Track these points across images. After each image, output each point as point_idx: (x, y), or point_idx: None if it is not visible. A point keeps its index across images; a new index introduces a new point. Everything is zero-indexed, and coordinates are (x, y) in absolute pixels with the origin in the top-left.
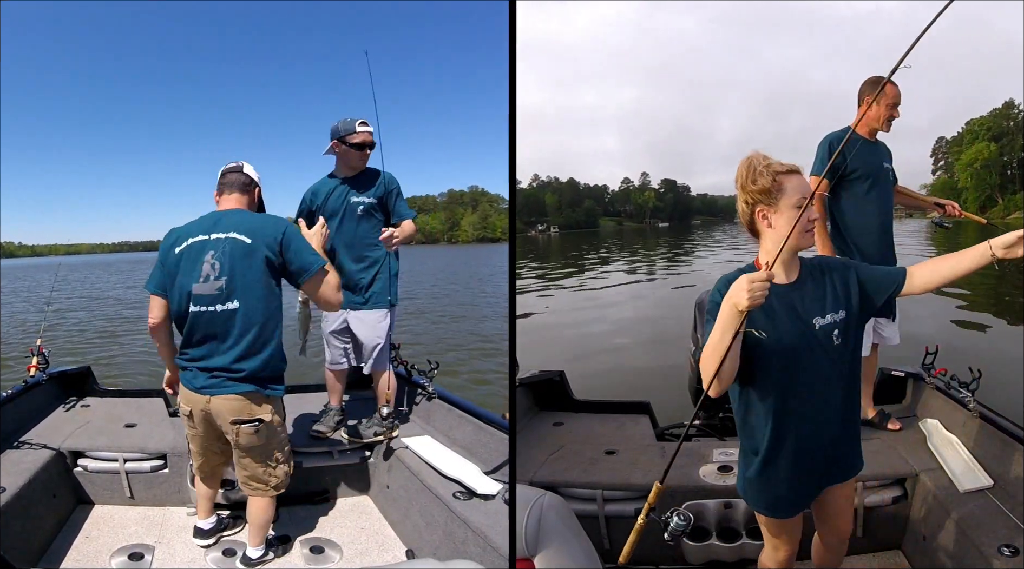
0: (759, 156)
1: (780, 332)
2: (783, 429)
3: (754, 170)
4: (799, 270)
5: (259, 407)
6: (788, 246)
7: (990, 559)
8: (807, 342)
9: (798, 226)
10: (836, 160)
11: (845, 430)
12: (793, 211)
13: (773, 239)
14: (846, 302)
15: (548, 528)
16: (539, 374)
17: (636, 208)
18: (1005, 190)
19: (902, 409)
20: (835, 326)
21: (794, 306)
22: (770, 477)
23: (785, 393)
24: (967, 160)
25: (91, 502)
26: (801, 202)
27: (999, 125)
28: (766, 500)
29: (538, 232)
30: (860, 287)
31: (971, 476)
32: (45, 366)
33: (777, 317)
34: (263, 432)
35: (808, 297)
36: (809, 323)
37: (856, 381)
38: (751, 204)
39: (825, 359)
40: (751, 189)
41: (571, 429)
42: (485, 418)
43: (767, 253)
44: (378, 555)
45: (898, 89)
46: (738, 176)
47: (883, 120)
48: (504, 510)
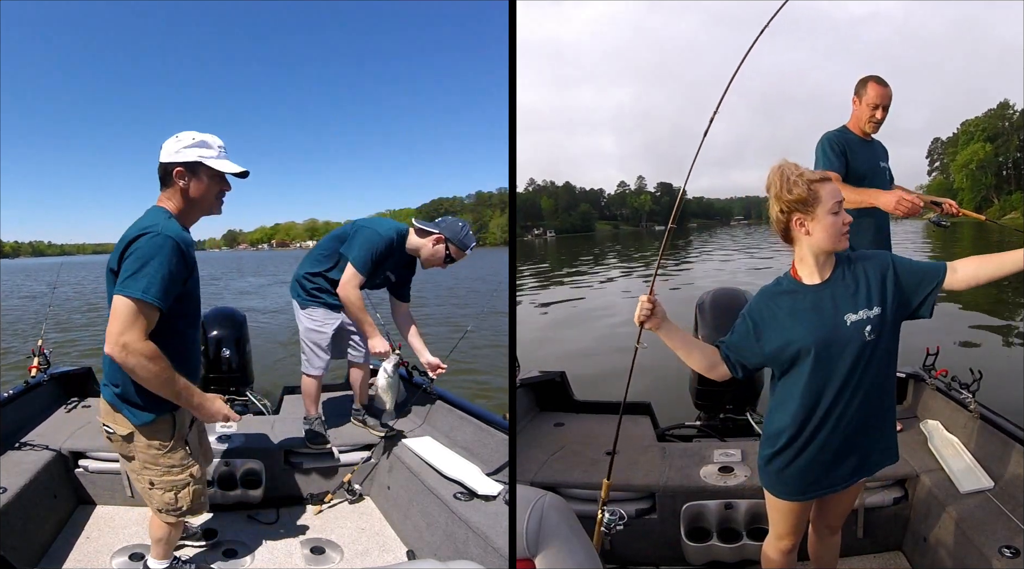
0: (790, 165)
1: (807, 330)
2: (811, 419)
3: (788, 180)
4: (833, 268)
5: (115, 415)
6: (824, 249)
7: (990, 560)
8: (838, 338)
9: (835, 231)
10: (836, 157)
11: (876, 423)
12: (830, 217)
13: (810, 244)
14: (880, 298)
15: (549, 528)
16: (539, 374)
17: (632, 211)
18: (1000, 190)
19: (903, 410)
20: (867, 322)
21: (824, 304)
22: (791, 461)
23: (817, 388)
24: (963, 161)
25: (92, 502)
26: (837, 208)
27: (994, 126)
28: (783, 483)
29: (534, 236)
30: (896, 282)
31: (972, 477)
32: (46, 367)
33: (802, 317)
34: (117, 442)
35: (840, 293)
36: (840, 319)
37: (890, 378)
38: (787, 212)
39: (857, 355)
40: (787, 198)
41: (571, 429)
42: (485, 419)
43: (802, 259)
44: (379, 556)
45: (885, 90)
46: (770, 185)
47: (866, 121)
48: (505, 511)
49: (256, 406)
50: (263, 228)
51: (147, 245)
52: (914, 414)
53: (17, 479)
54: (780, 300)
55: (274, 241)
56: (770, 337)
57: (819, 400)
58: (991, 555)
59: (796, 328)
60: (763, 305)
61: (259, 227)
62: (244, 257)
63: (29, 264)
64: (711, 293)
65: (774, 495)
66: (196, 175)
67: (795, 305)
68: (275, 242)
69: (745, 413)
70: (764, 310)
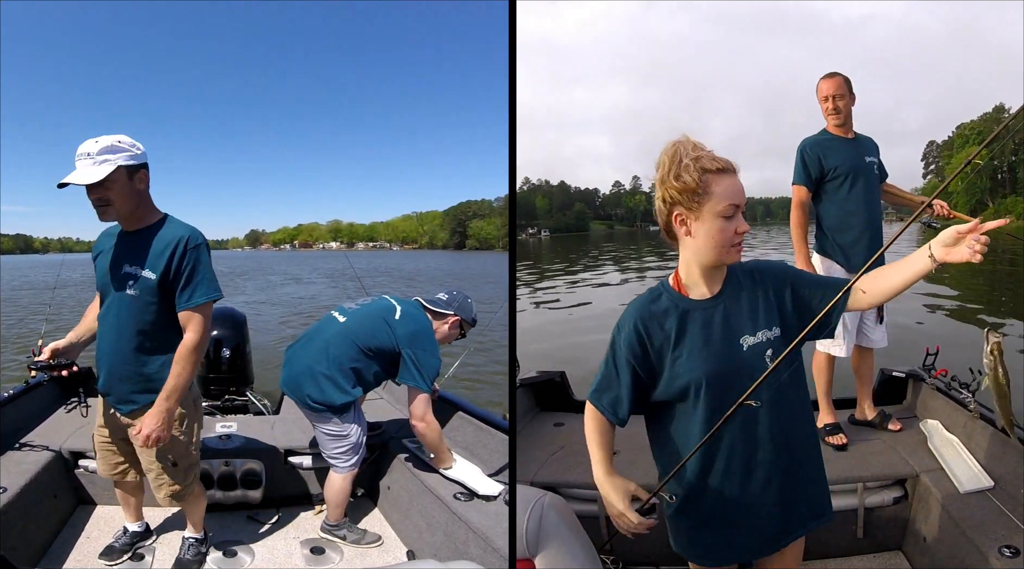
0: (688, 144)
1: (698, 355)
2: (713, 463)
3: (678, 162)
4: (723, 280)
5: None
6: (707, 261)
7: (990, 560)
8: (734, 365)
9: (722, 239)
10: (810, 165)
11: (796, 468)
12: (719, 221)
13: (692, 249)
14: (781, 318)
15: (549, 528)
16: (539, 374)
17: (627, 211)
18: (995, 194)
19: (903, 410)
20: (767, 345)
21: (715, 324)
22: (698, 520)
23: (713, 424)
24: (957, 164)
25: (92, 503)
26: (731, 211)
27: (990, 130)
28: (692, 545)
29: (529, 235)
30: (795, 300)
31: (972, 477)
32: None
33: (692, 338)
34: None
35: (734, 312)
36: (735, 343)
37: (805, 409)
38: (669, 204)
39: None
40: (672, 186)
41: (572, 430)
42: (486, 419)
43: (686, 264)
44: (379, 556)
45: (831, 81)
46: (659, 164)
47: (825, 115)
48: (505, 511)
49: (256, 406)
50: (286, 228)
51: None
52: (914, 414)
53: (17, 479)
54: (659, 322)
55: (296, 241)
56: (649, 370)
57: (718, 444)
58: (991, 555)
59: (681, 356)
60: (634, 332)
61: (282, 227)
62: (264, 257)
63: (55, 260)
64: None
65: (690, 560)
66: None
67: (679, 327)
68: (297, 243)
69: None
70: (637, 340)
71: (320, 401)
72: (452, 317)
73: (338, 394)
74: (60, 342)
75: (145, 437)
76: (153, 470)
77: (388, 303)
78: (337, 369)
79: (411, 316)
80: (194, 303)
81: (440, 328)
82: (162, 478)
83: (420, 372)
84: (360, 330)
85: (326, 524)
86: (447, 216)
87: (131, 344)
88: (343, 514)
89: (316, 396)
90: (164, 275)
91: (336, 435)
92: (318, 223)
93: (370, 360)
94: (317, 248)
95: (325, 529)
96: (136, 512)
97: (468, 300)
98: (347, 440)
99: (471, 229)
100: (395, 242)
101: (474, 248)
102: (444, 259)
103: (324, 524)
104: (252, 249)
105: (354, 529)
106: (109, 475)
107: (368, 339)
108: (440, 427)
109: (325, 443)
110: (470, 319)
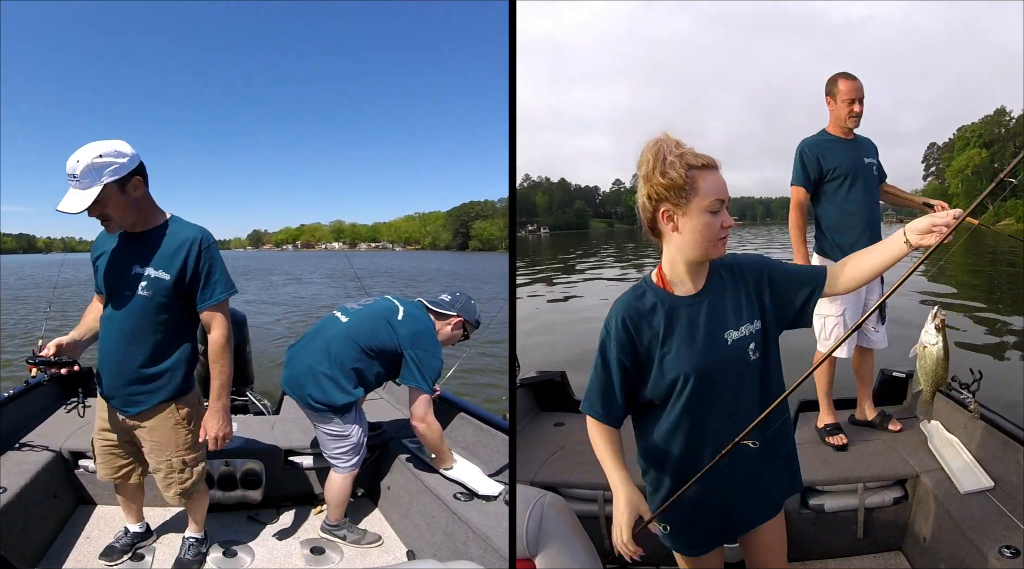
0: (671, 141)
1: (685, 351)
2: (697, 457)
3: (663, 159)
4: (706, 276)
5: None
6: (693, 257)
7: (990, 560)
8: (720, 359)
9: (709, 234)
10: (809, 166)
11: (772, 456)
12: (706, 216)
13: (678, 245)
14: (760, 310)
15: (549, 528)
16: (539, 374)
17: (627, 210)
18: (995, 196)
19: (903, 410)
20: (751, 339)
21: (700, 319)
22: (682, 509)
23: (699, 418)
24: (958, 166)
25: (92, 503)
26: (716, 206)
27: (990, 132)
28: (677, 535)
29: (528, 232)
30: (772, 291)
31: (972, 477)
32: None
33: (679, 335)
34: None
35: (718, 307)
36: (720, 338)
37: (779, 386)
38: (655, 200)
39: (742, 377)
40: (658, 182)
41: (572, 430)
42: (486, 419)
43: (671, 260)
44: (379, 556)
45: (856, 83)
46: (642, 162)
47: (845, 117)
48: (505, 511)
49: (256, 406)
50: (288, 229)
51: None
52: (914, 414)
53: (17, 479)
54: (646, 319)
55: (299, 242)
56: (638, 367)
57: (702, 438)
58: (991, 555)
59: (670, 353)
60: (623, 329)
61: (284, 228)
62: (267, 257)
63: (56, 259)
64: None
65: (675, 551)
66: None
67: (666, 323)
68: (300, 243)
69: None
70: (626, 336)
71: (322, 401)
72: (455, 318)
73: (340, 394)
74: (64, 338)
75: (214, 438)
76: (162, 469)
77: (390, 303)
78: (339, 369)
79: (413, 317)
80: (215, 301)
81: (443, 329)
82: (172, 477)
83: (421, 373)
84: (362, 330)
85: (326, 524)
86: (450, 217)
87: (141, 344)
88: (343, 514)
89: (318, 396)
90: (180, 276)
91: (337, 435)
92: (320, 223)
93: (372, 360)
94: (319, 248)
95: (325, 529)
96: (137, 513)
97: (471, 301)
98: (348, 440)
99: (474, 230)
100: (398, 243)
101: (477, 249)
102: (446, 259)
103: (324, 524)
104: (254, 249)
105: (354, 529)
106: (111, 479)
107: (370, 339)
108: (441, 428)
109: (326, 443)
110: (473, 320)
